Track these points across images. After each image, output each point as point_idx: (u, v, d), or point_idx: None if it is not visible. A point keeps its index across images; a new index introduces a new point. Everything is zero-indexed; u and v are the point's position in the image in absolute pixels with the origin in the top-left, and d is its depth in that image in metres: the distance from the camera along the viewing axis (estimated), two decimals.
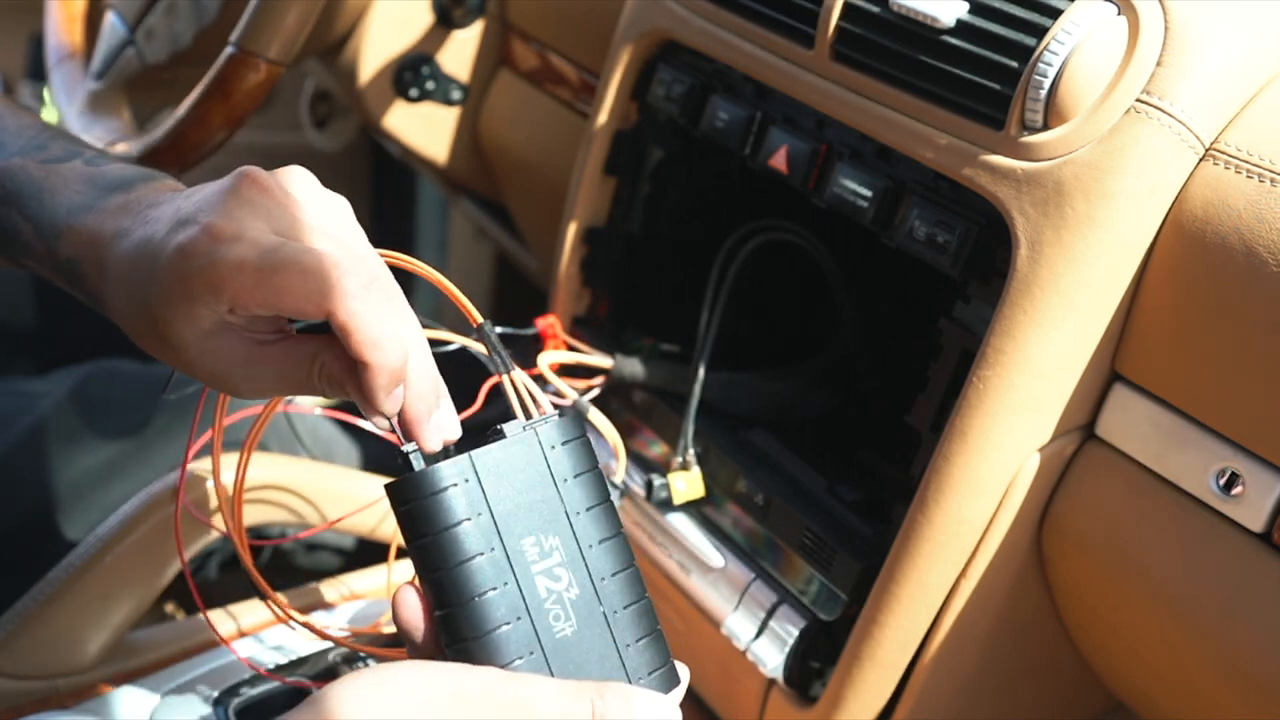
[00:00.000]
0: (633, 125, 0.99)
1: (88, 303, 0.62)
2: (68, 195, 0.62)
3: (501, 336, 0.64)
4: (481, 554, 0.52)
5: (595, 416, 0.85)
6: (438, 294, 0.63)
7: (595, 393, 0.95)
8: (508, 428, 0.55)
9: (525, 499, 0.54)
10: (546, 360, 0.90)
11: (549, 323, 0.95)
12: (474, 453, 0.53)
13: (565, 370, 0.94)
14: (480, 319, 0.62)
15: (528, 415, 0.63)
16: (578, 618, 0.54)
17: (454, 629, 0.53)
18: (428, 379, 0.57)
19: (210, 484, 0.87)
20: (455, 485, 0.53)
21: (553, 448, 0.55)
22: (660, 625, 0.56)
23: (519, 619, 0.53)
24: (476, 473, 0.53)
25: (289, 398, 0.74)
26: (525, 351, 0.89)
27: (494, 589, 0.52)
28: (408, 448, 0.55)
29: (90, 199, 0.61)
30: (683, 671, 0.57)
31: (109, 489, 1.06)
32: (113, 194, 0.61)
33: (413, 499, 0.53)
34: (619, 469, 0.85)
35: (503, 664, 0.52)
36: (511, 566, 0.53)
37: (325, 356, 0.56)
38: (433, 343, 0.65)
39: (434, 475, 0.53)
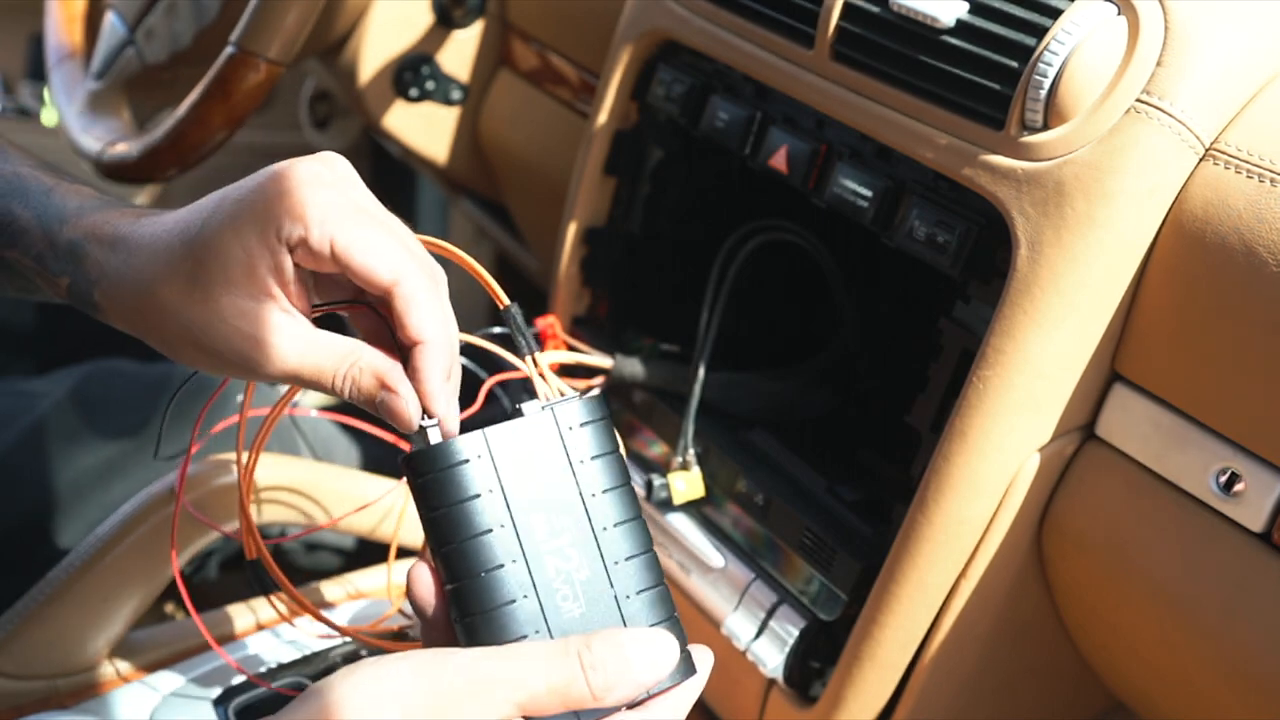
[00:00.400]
0: (633, 125, 0.99)
1: (74, 298, 0.61)
2: (78, 199, 0.62)
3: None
4: (491, 530, 0.53)
5: None
6: None
7: (595, 393, 0.94)
8: (526, 407, 0.55)
9: (539, 478, 0.54)
10: (547, 360, 0.90)
11: (549, 323, 0.95)
12: (489, 430, 0.54)
13: (565, 370, 0.94)
14: (508, 301, 0.62)
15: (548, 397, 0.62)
16: (586, 599, 0.54)
17: (463, 603, 0.53)
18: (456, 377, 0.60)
19: (211, 483, 0.87)
20: (469, 460, 0.53)
21: (570, 429, 0.55)
22: (677, 612, 0.56)
23: (525, 596, 0.53)
24: (491, 450, 0.54)
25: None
26: None
27: (502, 565, 0.53)
28: (427, 423, 0.56)
29: (102, 203, 0.62)
30: (705, 658, 0.55)
31: (109, 489, 1.06)
32: (126, 206, 0.62)
33: (428, 471, 0.53)
34: None
35: (508, 640, 0.52)
36: (521, 544, 0.53)
37: (364, 357, 0.57)
38: None
39: (450, 449, 0.53)
